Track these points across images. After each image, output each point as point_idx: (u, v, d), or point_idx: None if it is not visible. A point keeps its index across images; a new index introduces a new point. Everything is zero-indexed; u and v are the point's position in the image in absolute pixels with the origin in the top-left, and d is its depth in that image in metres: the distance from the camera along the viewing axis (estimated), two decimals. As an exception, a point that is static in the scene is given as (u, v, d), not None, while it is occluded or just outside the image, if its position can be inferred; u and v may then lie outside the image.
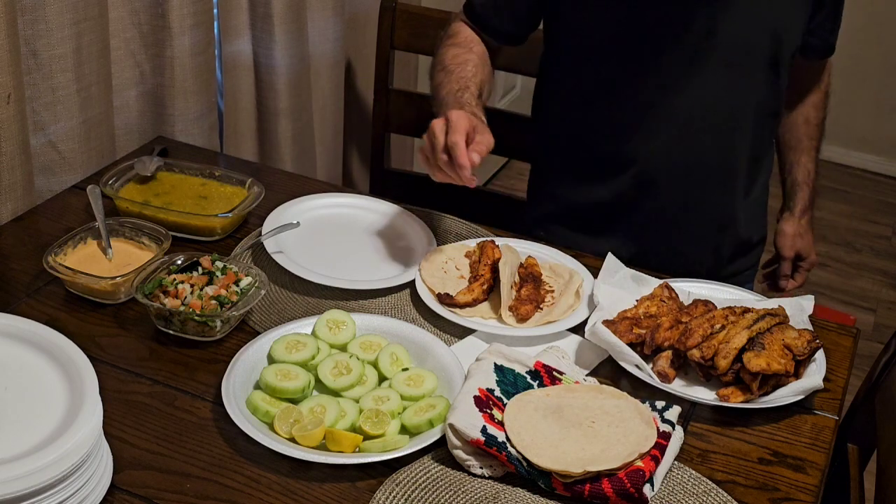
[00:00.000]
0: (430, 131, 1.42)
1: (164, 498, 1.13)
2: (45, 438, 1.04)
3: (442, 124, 1.41)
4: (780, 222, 1.95)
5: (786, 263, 1.96)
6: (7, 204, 1.60)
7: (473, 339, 1.41)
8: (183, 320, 1.35)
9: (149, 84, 1.90)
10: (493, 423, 1.20)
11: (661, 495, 1.18)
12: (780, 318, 1.38)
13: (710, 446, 1.27)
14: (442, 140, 1.40)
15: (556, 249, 1.60)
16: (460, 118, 1.41)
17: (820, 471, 1.25)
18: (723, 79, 1.62)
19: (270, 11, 2.05)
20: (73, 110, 1.69)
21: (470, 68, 1.62)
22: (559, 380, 1.30)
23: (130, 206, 1.59)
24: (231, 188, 1.67)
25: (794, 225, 1.93)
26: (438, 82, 1.63)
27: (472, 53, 1.67)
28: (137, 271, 1.41)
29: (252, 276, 1.42)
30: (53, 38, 1.61)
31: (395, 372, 1.30)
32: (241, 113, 2.16)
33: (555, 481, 1.15)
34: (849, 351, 1.46)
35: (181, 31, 1.84)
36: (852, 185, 4.10)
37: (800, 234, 1.94)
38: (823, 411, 1.34)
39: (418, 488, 1.16)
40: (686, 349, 1.33)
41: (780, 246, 1.95)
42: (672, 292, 1.47)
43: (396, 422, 1.23)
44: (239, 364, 1.28)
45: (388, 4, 2.13)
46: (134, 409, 1.25)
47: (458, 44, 1.69)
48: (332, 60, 2.29)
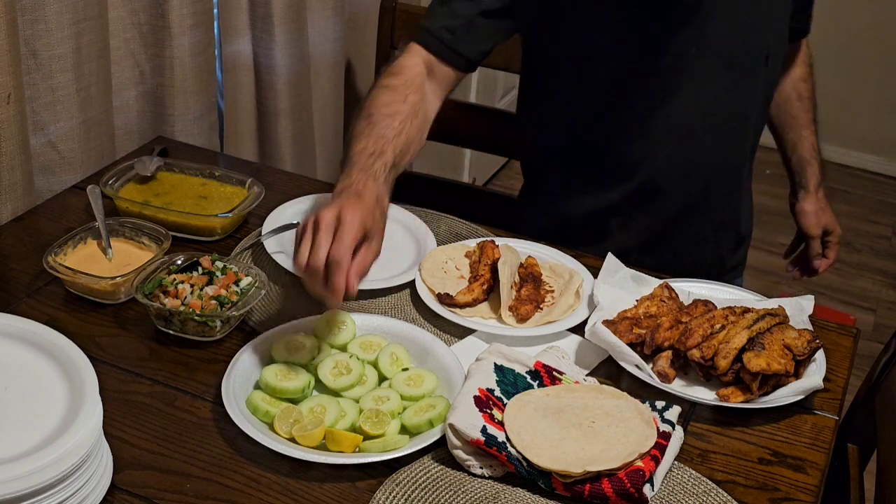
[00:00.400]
0: (315, 224, 1.21)
1: (164, 498, 1.13)
2: (45, 438, 1.04)
3: (330, 225, 1.21)
4: (799, 203, 1.92)
5: (815, 243, 1.93)
6: (7, 204, 1.60)
7: (473, 339, 1.41)
8: (183, 320, 1.35)
9: (149, 84, 1.90)
10: (493, 423, 1.20)
11: (661, 495, 1.18)
12: (780, 318, 1.38)
13: (710, 446, 1.27)
14: (324, 249, 1.19)
15: (556, 249, 1.60)
16: (355, 219, 1.21)
17: (820, 471, 1.25)
18: (722, 80, 1.62)
19: (270, 11, 2.05)
20: (72, 110, 1.69)
21: (395, 125, 1.43)
22: (559, 380, 1.30)
23: (130, 206, 1.59)
24: (231, 188, 1.67)
25: (813, 202, 1.91)
26: (357, 132, 1.42)
27: (406, 104, 1.47)
28: (137, 271, 1.41)
29: (252, 276, 1.42)
30: (53, 38, 1.61)
31: (395, 372, 1.30)
32: (241, 113, 2.16)
33: (555, 481, 1.15)
34: (849, 351, 1.46)
35: (181, 31, 1.84)
36: (852, 185, 4.10)
37: (822, 209, 1.92)
38: (823, 411, 1.34)
39: (418, 488, 1.16)
40: (686, 349, 1.33)
41: (806, 226, 1.92)
42: (672, 292, 1.47)
43: (396, 422, 1.23)
44: (239, 364, 1.28)
45: (389, 4, 2.13)
46: (134, 409, 1.25)
47: (393, 88, 1.49)
48: (332, 60, 2.29)
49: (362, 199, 1.26)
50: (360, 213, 1.23)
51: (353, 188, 1.29)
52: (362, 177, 1.31)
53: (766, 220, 3.74)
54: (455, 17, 1.56)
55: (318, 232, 1.20)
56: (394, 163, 1.37)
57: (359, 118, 1.45)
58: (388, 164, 1.35)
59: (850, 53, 4.07)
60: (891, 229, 3.83)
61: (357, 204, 1.24)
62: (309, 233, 1.21)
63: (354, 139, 1.40)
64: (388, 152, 1.37)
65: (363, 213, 1.23)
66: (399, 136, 1.41)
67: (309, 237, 1.21)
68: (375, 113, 1.43)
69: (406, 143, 1.43)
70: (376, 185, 1.31)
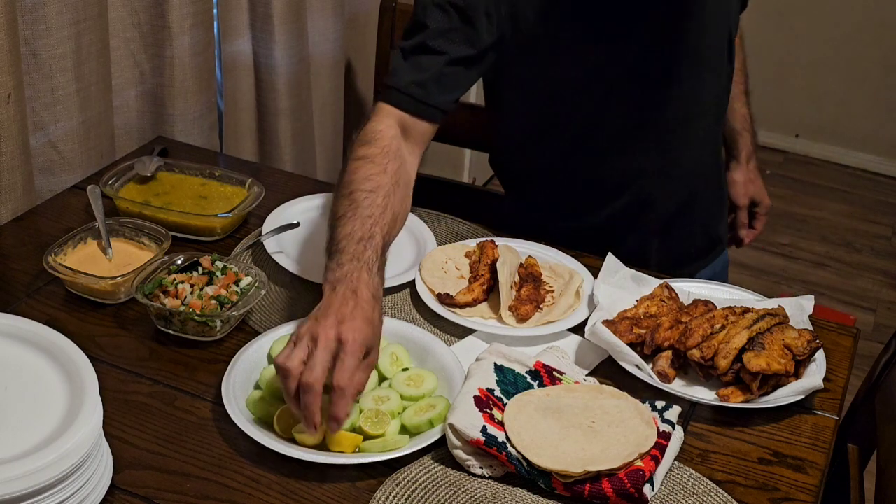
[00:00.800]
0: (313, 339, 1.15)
1: (164, 498, 1.13)
2: (45, 438, 1.04)
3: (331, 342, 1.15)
4: (730, 173, 1.93)
5: (742, 213, 1.96)
6: (7, 204, 1.60)
7: (473, 339, 1.41)
8: (183, 320, 1.35)
9: (149, 84, 1.90)
10: (493, 423, 1.20)
11: (661, 495, 1.18)
12: (780, 318, 1.38)
13: (710, 446, 1.27)
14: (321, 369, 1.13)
15: (556, 249, 1.60)
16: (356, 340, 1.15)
17: (820, 471, 1.25)
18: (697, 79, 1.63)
19: (270, 11, 2.05)
20: (72, 110, 1.69)
21: (380, 202, 1.34)
22: (559, 380, 1.30)
23: (130, 206, 1.59)
24: (231, 188, 1.67)
25: (743, 172, 1.93)
26: (342, 213, 1.33)
27: (386, 175, 1.38)
28: (137, 271, 1.41)
29: (252, 276, 1.42)
30: (53, 38, 1.61)
31: (395, 372, 1.30)
32: (241, 113, 2.16)
33: (555, 481, 1.15)
34: (849, 351, 1.46)
35: (181, 31, 1.84)
36: (852, 185, 4.10)
37: (750, 180, 1.94)
38: (823, 411, 1.34)
39: (418, 488, 1.16)
40: (686, 349, 1.33)
41: (734, 195, 1.94)
42: (672, 292, 1.47)
43: (396, 422, 1.23)
44: (239, 364, 1.28)
45: (388, 4, 2.13)
46: (134, 409, 1.25)
47: (371, 159, 1.39)
48: (332, 60, 2.29)
49: (360, 306, 1.19)
50: (362, 332, 1.17)
51: (348, 285, 1.21)
52: (356, 268, 1.24)
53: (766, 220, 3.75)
54: (423, 70, 1.47)
55: (316, 350, 1.14)
56: (384, 244, 1.31)
57: (339, 196, 1.36)
58: (378, 249, 1.28)
59: (850, 53, 4.07)
60: (891, 229, 3.83)
61: (357, 316, 1.18)
62: (304, 344, 1.15)
63: (339, 221, 1.32)
64: (377, 235, 1.30)
65: (364, 330, 1.17)
66: (385, 212, 1.34)
67: (304, 348, 1.15)
68: (356, 190, 1.35)
69: (392, 219, 1.35)
70: (371, 278, 1.24)
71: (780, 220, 3.74)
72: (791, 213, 3.80)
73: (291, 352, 1.15)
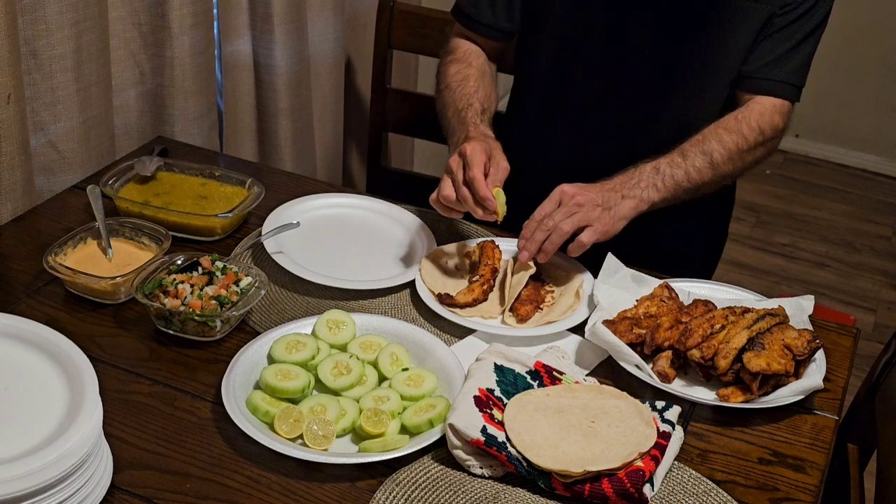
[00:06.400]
0: (447, 169, 1.46)
1: (164, 498, 1.13)
2: (45, 438, 1.04)
3: (458, 161, 1.44)
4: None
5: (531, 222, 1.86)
6: (7, 204, 1.60)
7: (473, 339, 1.41)
8: (183, 320, 1.35)
9: (149, 84, 1.90)
10: (493, 423, 1.20)
11: (661, 495, 1.18)
12: (780, 318, 1.38)
13: (710, 446, 1.27)
14: (461, 176, 1.43)
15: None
16: (475, 151, 1.44)
17: (820, 471, 1.25)
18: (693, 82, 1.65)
19: (270, 11, 2.05)
20: (72, 110, 1.69)
21: (472, 84, 1.64)
22: (559, 380, 1.30)
23: (130, 206, 1.59)
24: (231, 188, 1.67)
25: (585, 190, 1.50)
26: (444, 103, 1.65)
27: (472, 68, 1.68)
28: (137, 271, 1.41)
29: (252, 276, 1.42)
30: (53, 38, 1.61)
31: (395, 372, 1.30)
32: (241, 113, 2.16)
33: (555, 481, 1.15)
34: (849, 351, 1.46)
35: (181, 31, 1.84)
36: (852, 185, 4.10)
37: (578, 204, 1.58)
38: (823, 411, 1.34)
39: (418, 488, 1.16)
40: (686, 349, 1.33)
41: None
42: (672, 292, 1.47)
43: (396, 422, 1.23)
44: (239, 364, 1.28)
45: (386, 4, 2.13)
46: (134, 409, 1.25)
47: (457, 59, 1.71)
48: (331, 60, 2.29)
49: (472, 138, 1.50)
50: (477, 144, 1.46)
51: (460, 140, 1.52)
52: (463, 128, 1.55)
53: (767, 220, 3.75)
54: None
55: (451, 172, 1.44)
56: (482, 108, 1.60)
57: (439, 93, 1.68)
58: (478, 111, 1.58)
59: (850, 53, 4.07)
60: (891, 229, 3.83)
61: (473, 141, 1.47)
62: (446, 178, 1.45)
63: (444, 110, 1.64)
64: (475, 104, 1.60)
65: (479, 144, 1.46)
66: (478, 91, 1.63)
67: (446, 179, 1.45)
68: (451, 81, 1.66)
69: (486, 94, 1.64)
70: (476, 128, 1.54)
71: (780, 220, 3.74)
72: (791, 213, 3.80)
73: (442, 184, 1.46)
